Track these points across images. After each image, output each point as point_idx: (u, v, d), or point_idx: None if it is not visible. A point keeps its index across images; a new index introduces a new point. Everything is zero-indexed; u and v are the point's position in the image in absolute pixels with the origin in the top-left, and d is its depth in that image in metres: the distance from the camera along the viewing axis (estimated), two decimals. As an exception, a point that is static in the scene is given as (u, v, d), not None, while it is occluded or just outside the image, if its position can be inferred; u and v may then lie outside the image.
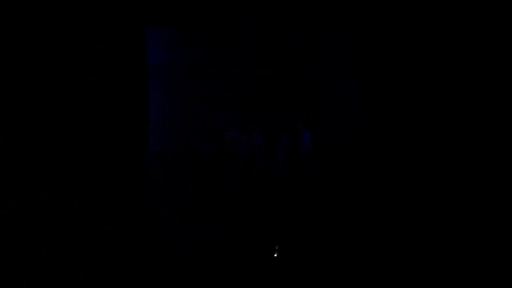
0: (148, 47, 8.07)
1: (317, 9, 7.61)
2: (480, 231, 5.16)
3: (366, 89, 7.70)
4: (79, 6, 6.76)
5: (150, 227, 5.56)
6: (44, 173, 6.34)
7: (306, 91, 8.54)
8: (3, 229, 5.01)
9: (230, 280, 4.30)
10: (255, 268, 4.42)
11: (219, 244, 4.98)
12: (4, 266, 4.40)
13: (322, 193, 6.85)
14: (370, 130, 7.73)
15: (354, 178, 7.51)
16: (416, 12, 6.89)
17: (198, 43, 8.42)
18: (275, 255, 4.63)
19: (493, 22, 6.23)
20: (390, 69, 7.34)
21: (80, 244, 4.86)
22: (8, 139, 6.14)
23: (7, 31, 6.33)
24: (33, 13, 6.46)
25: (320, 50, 8.48)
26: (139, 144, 7.57)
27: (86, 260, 4.57)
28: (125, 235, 5.13)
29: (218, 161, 8.06)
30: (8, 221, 5.17)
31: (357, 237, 5.14)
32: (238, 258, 4.61)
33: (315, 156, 7.67)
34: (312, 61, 8.46)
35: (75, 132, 6.76)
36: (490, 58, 6.27)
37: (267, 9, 7.64)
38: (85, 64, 6.98)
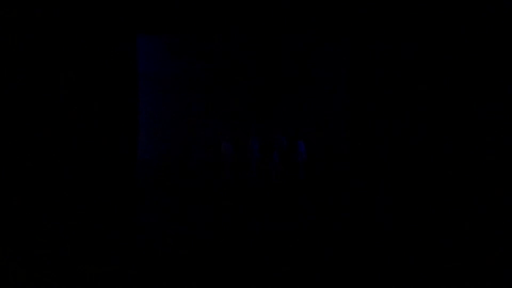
0: (140, 55, 8.14)
1: (311, 24, 7.73)
2: (475, 232, 5.25)
3: (356, 101, 7.86)
4: (68, 10, 6.76)
5: (139, 232, 5.55)
6: (36, 179, 6.33)
7: (299, 102, 8.66)
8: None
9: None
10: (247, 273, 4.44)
11: (210, 247, 5.00)
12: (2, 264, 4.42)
13: (317, 199, 6.93)
14: (359, 139, 7.87)
15: (346, 184, 7.64)
16: (406, 28, 7.08)
17: (190, 52, 8.51)
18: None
19: (474, 37, 6.52)
20: (379, 82, 7.51)
21: (71, 247, 4.88)
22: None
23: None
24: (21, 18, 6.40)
25: (312, 63, 8.63)
26: (128, 151, 7.54)
27: (78, 260, 4.59)
28: (115, 240, 5.14)
29: (211, 169, 8.05)
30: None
31: (353, 242, 5.20)
32: (230, 263, 4.62)
33: (310, 165, 7.77)
34: (305, 74, 8.61)
35: (62, 138, 6.74)
36: (473, 71, 6.54)
37: (261, 22, 7.74)
38: (74, 70, 6.98)
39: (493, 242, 4.95)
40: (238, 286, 4.16)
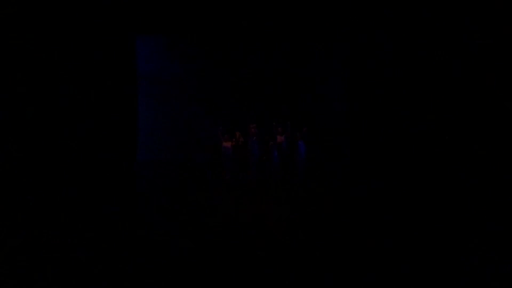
0: (140, 56, 8.15)
1: (311, 26, 7.76)
2: (478, 230, 5.26)
3: (356, 101, 7.89)
4: (67, 10, 6.76)
5: (139, 232, 5.55)
6: (35, 179, 6.33)
7: (299, 102, 8.70)
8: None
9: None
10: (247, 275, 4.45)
11: (210, 247, 5.01)
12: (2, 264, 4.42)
13: (317, 199, 6.95)
14: (359, 138, 7.91)
15: (346, 184, 7.67)
16: (406, 26, 7.11)
17: (190, 52, 8.54)
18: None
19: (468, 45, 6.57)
20: (378, 82, 7.53)
21: (70, 248, 4.89)
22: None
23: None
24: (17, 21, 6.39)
25: (312, 62, 8.68)
26: (127, 152, 7.54)
27: (78, 261, 4.60)
28: (115, 241, 5.15)
29: (211, 169, 8.08)
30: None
31: (353, 242, 5.21)
32: (230, 262, 4.63)
33: (310, 165, 7.81)
34: (304, 74, 8.65)
35: (61, 139, 6.74)
36: (474, 68, 6.57)
37: (261, 22, 7.76)
38: (73, 70, 6.98)
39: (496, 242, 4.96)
40: (237, 286, 4.18)
